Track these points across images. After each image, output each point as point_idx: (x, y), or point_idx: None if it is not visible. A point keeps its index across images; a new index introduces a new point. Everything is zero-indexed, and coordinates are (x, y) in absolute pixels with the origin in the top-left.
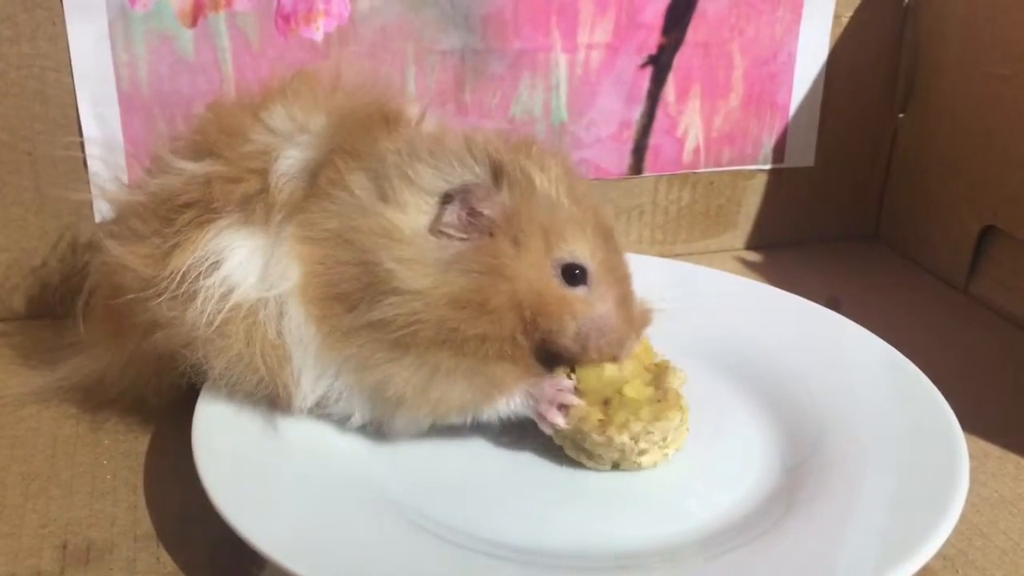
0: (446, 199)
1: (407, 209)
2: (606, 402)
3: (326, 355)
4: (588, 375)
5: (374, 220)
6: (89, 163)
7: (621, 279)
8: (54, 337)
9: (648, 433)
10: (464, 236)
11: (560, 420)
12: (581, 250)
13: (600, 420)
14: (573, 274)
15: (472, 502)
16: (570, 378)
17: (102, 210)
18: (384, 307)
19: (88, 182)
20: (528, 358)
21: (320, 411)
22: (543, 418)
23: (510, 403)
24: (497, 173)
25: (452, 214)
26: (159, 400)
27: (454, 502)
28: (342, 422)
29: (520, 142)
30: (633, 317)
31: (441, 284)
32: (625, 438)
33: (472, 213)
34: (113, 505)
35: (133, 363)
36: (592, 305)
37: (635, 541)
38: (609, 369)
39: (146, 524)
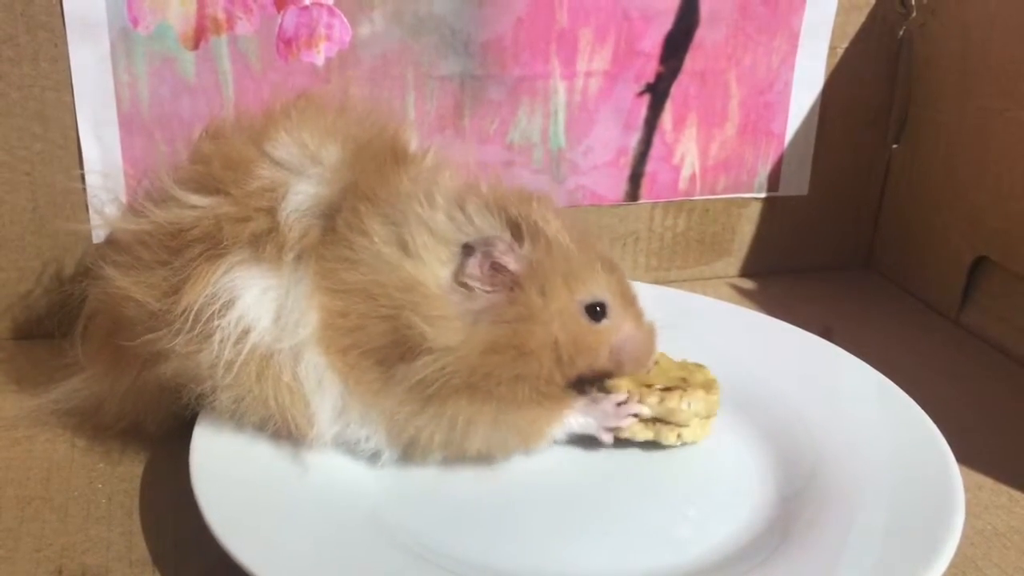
0: (467, 250)
1: (428, 260)
2: (649, 386)
3: (349, 404)
4: (618, 383)
5: (397, 274)
6: (89, 191)
7: (631, 301)
8: (49, 359)
9: (711, 384)
10: (488, 289)
11: (626, 422)
12: (599, 288)
13: (665, 391)
14: (596, 310)
15: (471, 530)
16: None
17: (100, 234)
18: (417, 367)
19: (87, 206)
20: (561, 392)
21: (338, 445)
22: (610, 430)
23: (566, 427)
24: (515, 228)
25: (475, 266)
26: (158, 428)
27: (457, 531)
28: (364, 457)
29: (525, 194)
30: (649, 330)
31: (472, 337)
32: (700, 392)
33: (495, 267)
34: (108, 529)
35: (133, 391)
36: (617, 330)
37: (629, 572)
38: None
39: (141, 549)
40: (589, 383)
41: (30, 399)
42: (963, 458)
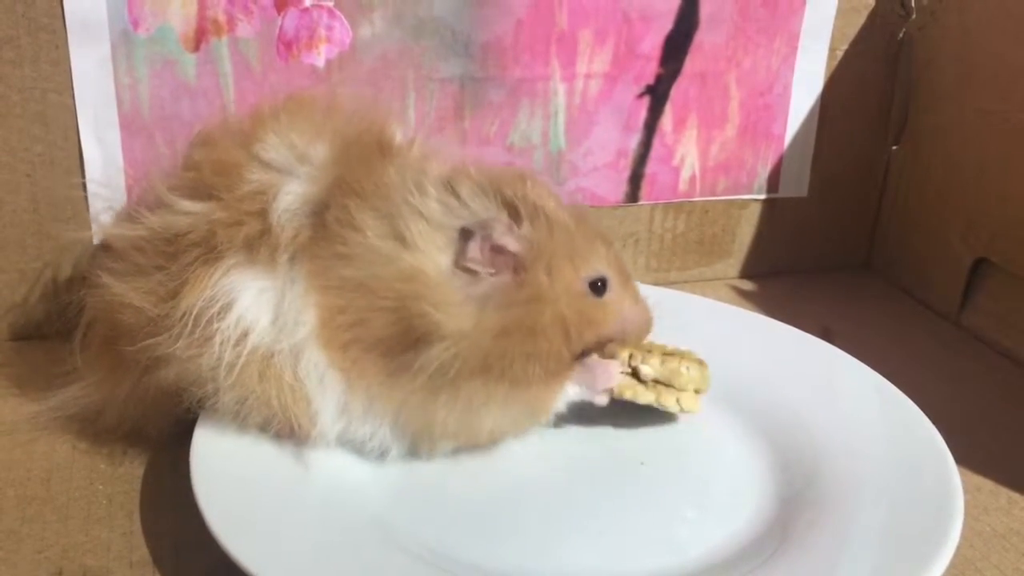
0: (465, 234)
1: (425, 248)
2: (650, 351)
3: (353, 400)
4: (619, 348)
5: (396, 266)
6: (90, 194)
7: (627, 276)
8: (48, 362)
9: (701, 362)
10: (492, 271)
11: (615, 381)
12: (600, 263)
13: (666, 355)
14: (598, 285)
15: (472, 532)
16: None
17: (100, 238)
18: (433, 355)
19: (87, 208)
20: (568, 366)
21: (344, 444)
22: (604, 392)
23: (565, 396)
24: (513, 209)
25: (475, 250)
26: (159, 432)
27: (457, 533)
28: (368, 455)
29: (516, 174)
30: (646, 306)
31: (483, 321)
32: (697, 362)
33: (495, 248)
34: (109, 531)
35: (133, 397)
36: (620, 303)
37: (628, 574)
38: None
39: (142, 550)
40: (590, 351)
41: (30, 404)
42: (962, 459)
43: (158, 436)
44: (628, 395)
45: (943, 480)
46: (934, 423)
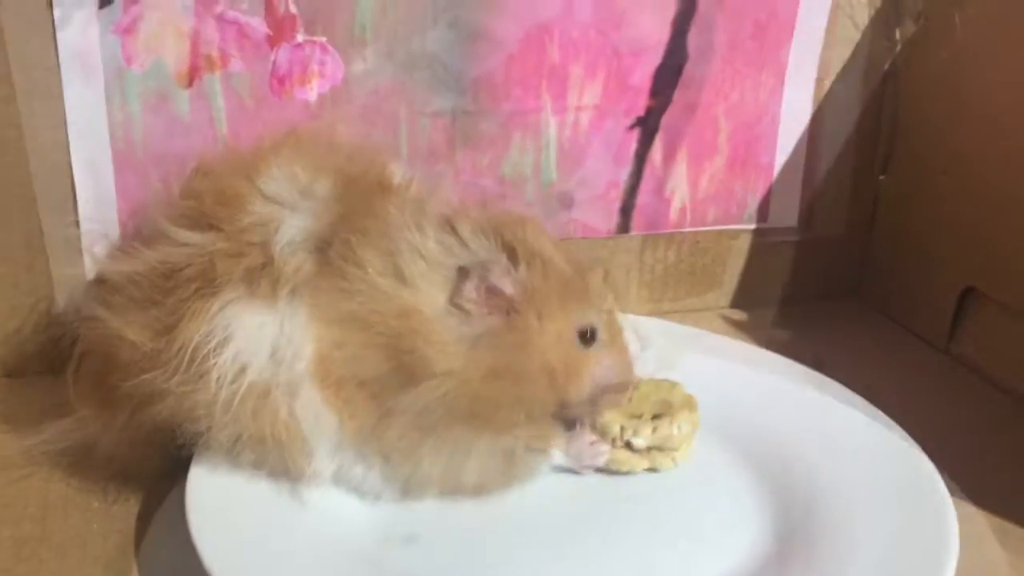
0: (462, 273)
1: (423, 287)
2: (639, 417)
3: (347, 440)
4: (609, 417)
5: (394, 303)
6: (83, 229)
7: (617, 332)
8: (40, 398)
9: (690, 401)
10: (485, 312)
11: (599, 461)
12: (592, 314)
13: (654, 419)
14: (587, 336)
15: (467, 570)
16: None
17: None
18: (420, 393)
19: (80, 244)
20: (549, 423)
21: (336, 483)
22: (588, 466)
23: (550, 461)
24: (512, 252)
25: (471, 289)
26: (153, 468)
27: (452, 568)
28: (362, 495)
29: (517, 218)
30: (630, 364)
31: (472, 361)
32: (685, 413)
33: (490, 289)
34: (104, 570)
35: (126, 432)
36: (601, 361)
37: None
38: None
39: None
40: (580, 420)
41: (22, 439)
42: (955, 489)
43: (153, 473)
44: (625, 469)
45: (937, 510)
46: (925, 452)
